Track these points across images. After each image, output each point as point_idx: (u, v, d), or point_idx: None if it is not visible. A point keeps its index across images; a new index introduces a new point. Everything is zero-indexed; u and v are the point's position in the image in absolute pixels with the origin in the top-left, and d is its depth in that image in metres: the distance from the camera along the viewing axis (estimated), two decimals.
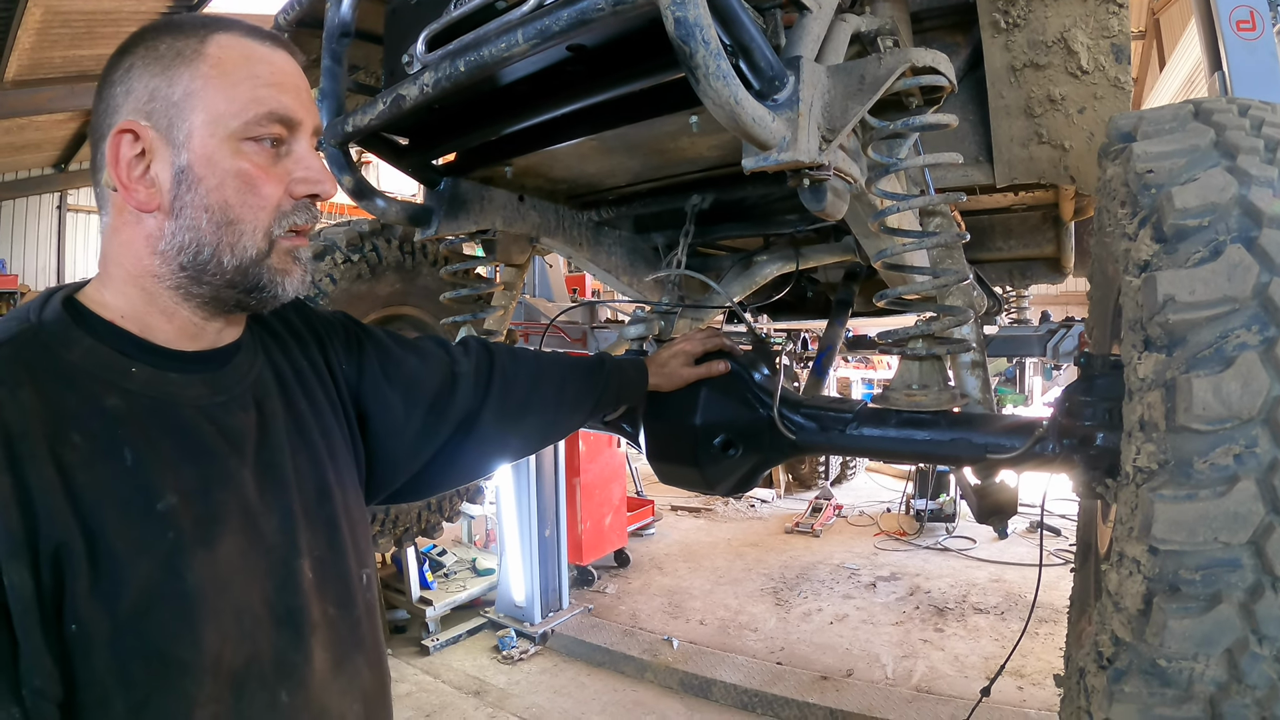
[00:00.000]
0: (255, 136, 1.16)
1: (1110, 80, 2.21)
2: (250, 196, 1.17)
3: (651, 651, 6.99)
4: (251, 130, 1.16)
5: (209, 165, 1.14)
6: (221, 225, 1.16)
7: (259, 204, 1.18)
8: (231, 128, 1.14)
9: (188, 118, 1.14)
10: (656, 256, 3.29)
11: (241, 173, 1.16)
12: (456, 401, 1.70)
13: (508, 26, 1.54)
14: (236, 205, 1.16)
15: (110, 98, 1.16)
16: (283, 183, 1.20)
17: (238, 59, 1.17)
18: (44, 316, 1.12)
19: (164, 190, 1.15)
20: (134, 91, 1.14)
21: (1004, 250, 3.71)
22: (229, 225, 1.16)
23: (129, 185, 1.14)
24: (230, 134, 1.15)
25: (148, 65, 1.15)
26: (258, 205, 1.18)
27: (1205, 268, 1.17)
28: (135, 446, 1.07)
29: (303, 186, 1.22)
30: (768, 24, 1.57)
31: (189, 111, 1.14)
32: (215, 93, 1.14)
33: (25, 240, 17.54)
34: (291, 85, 1.21)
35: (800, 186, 1.59)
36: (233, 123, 1.14)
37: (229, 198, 1.16)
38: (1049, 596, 6.96)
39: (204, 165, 1.14)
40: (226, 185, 1.15)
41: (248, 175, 1.16)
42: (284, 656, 1.18)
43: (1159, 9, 12.97)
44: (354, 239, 3.19)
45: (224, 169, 1.15)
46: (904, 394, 1.95)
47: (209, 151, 1.14)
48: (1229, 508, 1.06)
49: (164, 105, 1.14)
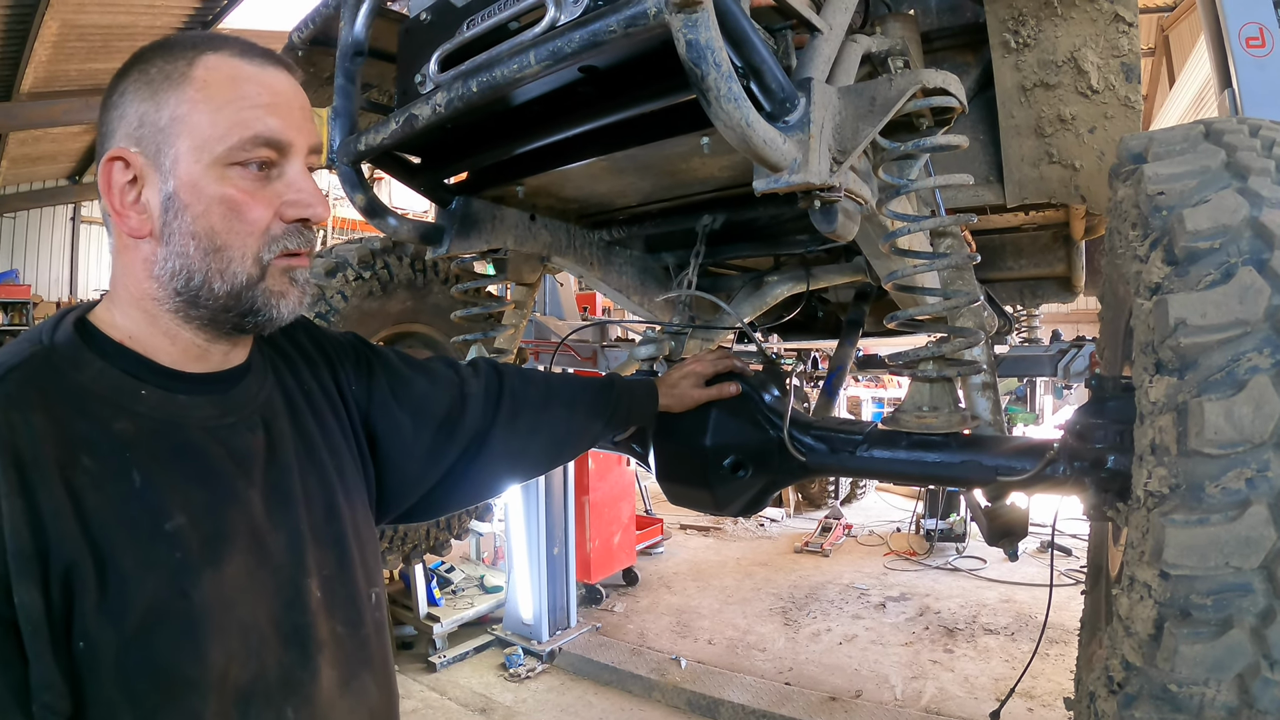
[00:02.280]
0: (241, 161, 1.15)
1: (1120, 99, 2.22)
2: (236, 223, 1.16)
3: (659, 671, 6.96)
4: (236, 155, 1.14)
5: (194, 192, 1.13)
6: (209, 252, 1.15)
7: (246, 230, 1.17)
8: (216, 153, 1.13)
9: (174, 144, 1.13)
10: (667, 276, 3.29)
11: (226, 199, 1.15)
12: (466, 422, 1.70)
13: (520, 48, 1.54)
14: (223, 232, 1.15)
15: (106, 122, 1.17)
16: (272, 206, 1.18)
17: (223, 80, 1.15)
18: (56, 339, 1.14)
19: (154, 216, 1.15)
20: (126, 117, 1.15)
21: (1015, 269, 3.70)
22: (216, 252, 1.15)
23: (121, 212, 1.15)
24: (215, 159, 1.13)
25: (138, 90, 1.15)
26: (245, 231, 1.17)
27: (1217, 290, 1.17)
28: (144, 468, 1.08)
29: (293, 210, 1.20)
30: (779, 45, 1.58)
31: (175, 137, 1.13)
32: (200, 117, 1.13)
33: (39, 251, 17.68)
34: (282, 105, 1.19)
35: (811, 208, 1.59)
36: (217, 148, 1.13)
37: (215, 224, 1.15)
38: (1060, 617, 6.90)
39: (189, 192, 1.13)
40: (212, 212, 1.14)
41: (233, 201, 1.15)
42: (290, 674, 1.18)
43: (1168, 26, 12.99)
44: (366, 256, 3.21)
45: (209, 195, 1.14)
46: (914, 416, 1.94)
47: (194, 178, 1.13)
48: (1241, 532, 1.05)
49: (152, 131, 1.14)
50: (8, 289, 16.17)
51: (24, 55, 10.63)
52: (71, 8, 9.72)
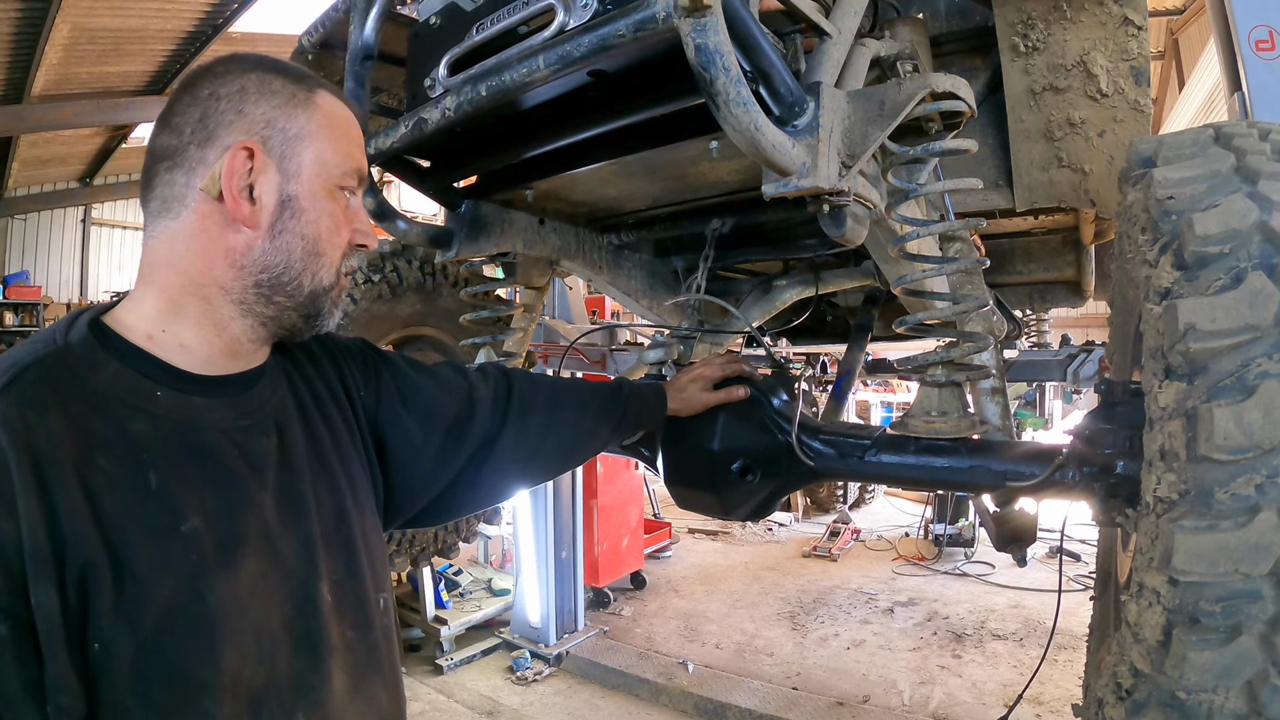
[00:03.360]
0: (344, 186, 1.32)
1: (1130, 103, 2.21)
2: (335, 235, 1.32)
3: (666, 675, 6.94)
4: (343, 181, 1.32)
5: (312, 200, 1.27)
6: (310, 254, 1.28)
7: (338, 243, 1.33)
8: (333, 175, 1.30)
9: (300, 154, 1.26)
10: (676, 280, 3.29)
11: (333, 214, 1.31)
12: (474, 427, 1.70)
13: (529, 52, 1.55)
14: (325, 240, 1.30)
15: (217, 112, 1.22)
16: (350, 229, 1.35)
17: (340, 117, 1.33)
18: (70, 339, 1.14)
19: (266, 210, 1.23)
20: (249, 115, 1.23)
21: (1024, 274, 3.70)
22: (316, 256, 1.29)
23: (237, 198, 1.20)
24: (331, 179, 1.29)
25: (265, 96, 1.25)
26: (337, 244, 1.32)
27: (1226, 295, 1.16)
28: (159, 470, 1.09)
29: (359, 237, 1.37)
30: (788, 49, 1.58)
31: (302, 149, 1.26)
32: (325, 141, 1.29)
33: (49, 253, 17.77)
34: (360, 144, 1.39)
35: (820, 212, 1.59)
36: (335, 171, 1.30)
37: (322, 232, 1.29)
38: (1068, 623, 6.89)
39: (309, 199, 1.27)
40: (322, 221, 1.29)
41: (336, 217, 1.31)
42: (302, 678, 1.19)
43: (1178, 29, 12.93)
44: (375, 260, 3.22)
45: (322, 207, 1.29)
46: (923, 421, 1.93)
47: (315, 189, 1.28)
48: (1250, 539, 1.05)
49: (280, 136, 1.25)
50: (18, 290, 16.26)
51: (35, 58, 10.67)
52: (82, 11, 9.76)
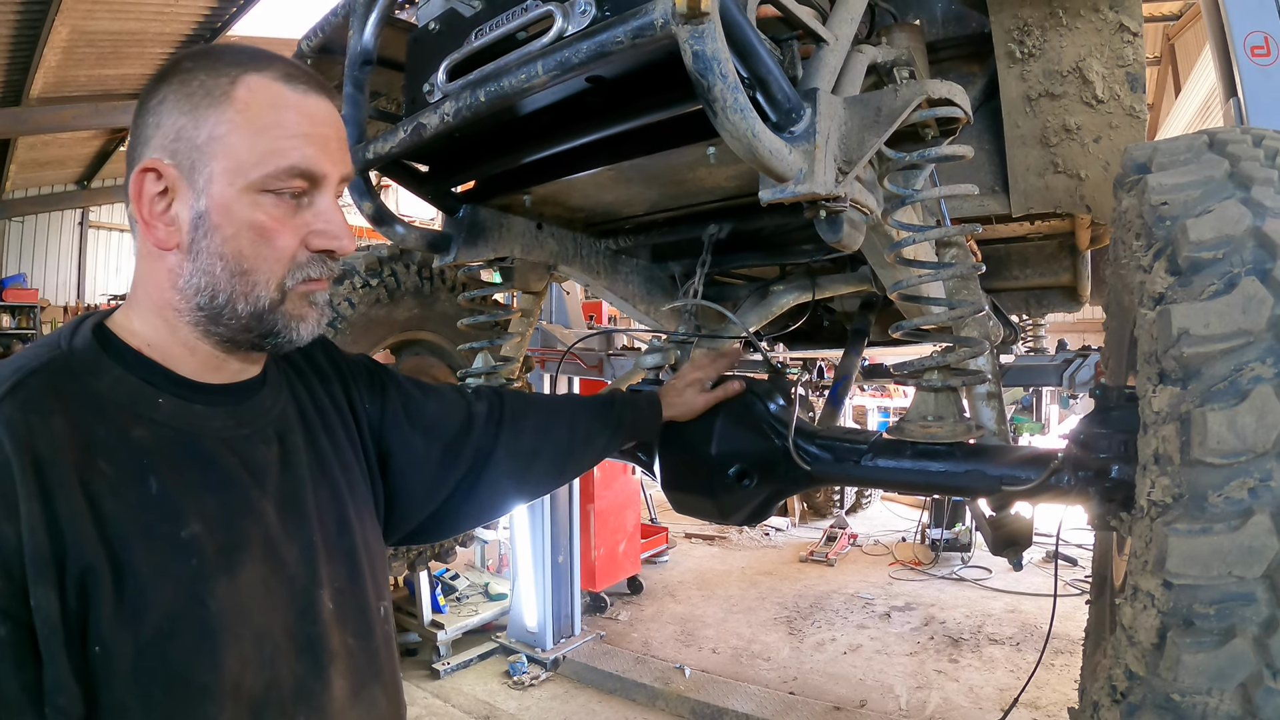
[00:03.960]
0: (274, 189, 1.15)
1: (1125, 109, 2.23)
2: (264, 249, 1.16)
3: (663, 679, 6.94)
4: (270, 183, 1.15)
5: (225, 214, 1.14)
6: (235, 274, 1.16)
7: (273, 256, 1.17)
8: (250, 178, 1.14)
9: (209, 163, 1.13)
10: (673, 285, 3.30)
11: (256, 225, 1.15)
12: (472, 442, 1.72)
13: (528, 58, 1.55)
14: (250, 256, 1.16)
15: (142, 128, 1.17)
16: (299, 235, 1.19)
17: (264, 105, 1.15)
18: (74, 344, 1.15)
19: (183, 231, 1.15)
20: (163, 126, 1.14)
21: (1020, 279, 3.71)
22: (242, 275, 1.16)
23: (150, 222, 1.16)
24: (249, 184, 1.14)
25: (178, 101, 1.14)
26: (271, 257, 1.17)
27: (1220, 300, 1.17)
28: (160, 476, 1.09)
29: (319, 240, 1.21)
30: (785, 56, 1.59)
31: (211, 157, 1.13)
32: (238, 140, 1.13)
33: (47, 255, 17.74)
34: (320, 135, 1.19)
35: (817, 217, 1.60)
36: (252, 174, 1.14)
37: (243, 248, 1.15)
38: (1065, 627, 6.89)
39: (221, 214, 1.14)
40: (241, 236, 1.15)
41: (262, 228, 1.16)
42: (303, 684, 1.19)
43: (1174, 35, 12.96)
44: (373, 264, 3.22)
45: (240, 220, 1.14)
46: (919, 425, 1.94)
47: (226, 201, 1.14)
48: (1243, 542, 1.05)
49: (188, 147, 1.14)
50: (15, 293, 16.22)
51: (34, 60, 10.66)
52: (81, 13, 9.75)
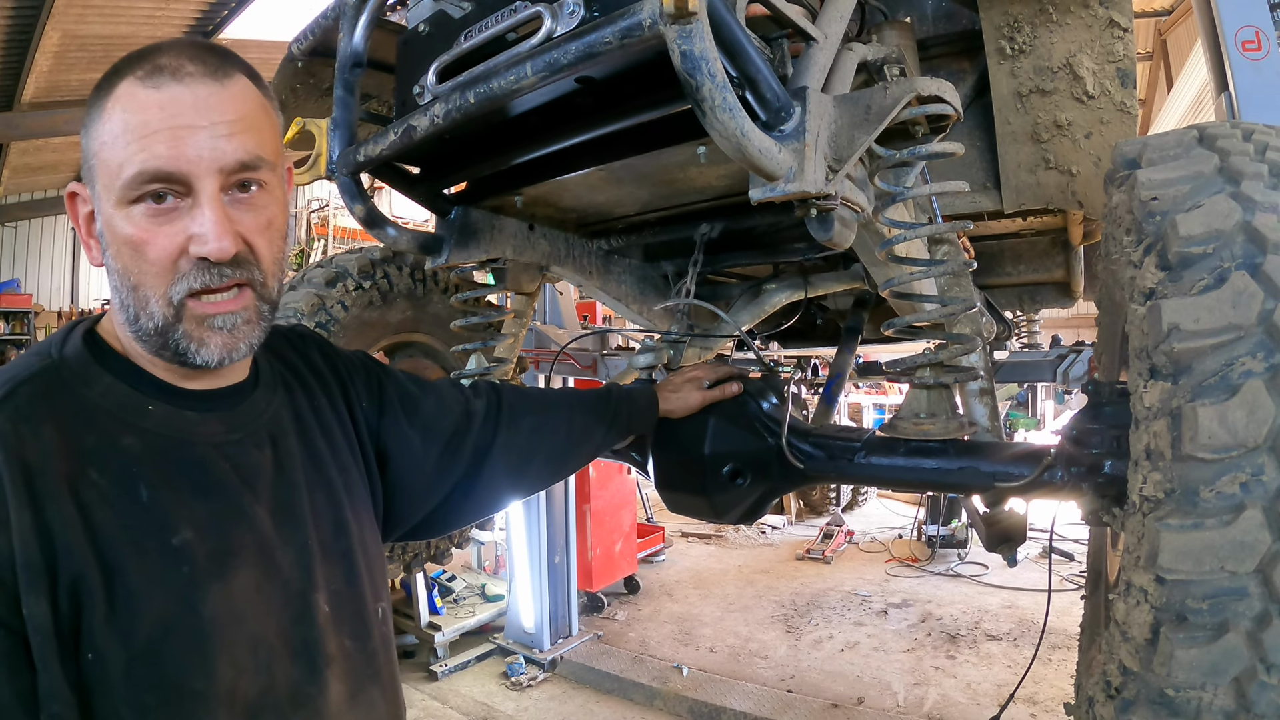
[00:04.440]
0: (137, 198, 1.09)
1: (1116, 105, 2.23)
2: (141, 262, 1.11)
3: (661, 679, 6.93)
4: (130, 193, 1.08)
5: (110, 231, 1.12)
6: (128, 289, 1.13)
7: (150, 269, 1.11)
8: (116, 192, 1.09)
9: (97, 181, 1.12)
10: (666, 284, 3.30)
11: (129, 239, 1.10)
12: (470, 439, 1.72)
13: (517, 59, 1.55)
14: (134, 271, 1.12)
15: None
16: (175, 242, 1.11)
17: (120, 113, 1.09)
18: (65, 353, 1.15)
19: (99, 249, 1.17)
20: (83, 149, 1.15)
21: (1013, 275, 3.71)
22: (133, 290, 1.13)
23: (86, 242, 1.19)
24: (118, 198, 1.09)
25: (84, 125, 1.13)
26: (150, 271, 1.11)
27: (1210, 295, 1.17)
28: (151, 484, 1.09)
29: (192, 246, 1.11)
30: (774, 54, 1.59)
31: (96, 175, 1.12)
32: (107, 154, 1.10)
33: (40, 260, 17.69)
34: (176, 130, 1.09)
35: (808, 216, 1.60)
36: (116, 186, 1.09)
37: (126, 264, 1.12)
38: (1062, 622, 6.90)
39: (108, 231, 1.12)
40: (123, 252, 1.12)
41: (134, 241, 1.10)
42: (299, 688, 1.19)
43: (1166, 30, 13.01)
44: (365, 266, 3.21)
45: (118, 235, 1.11)
46: (912, 423, 1.94)
47: (109, 217, 1.11)
48: (1235, 536, 1.06)
49: (88, 168, 1.13)
50: (9, 298, 16.18)
51: (25, 65, 10.65)
52: (73, 18, 9.74)
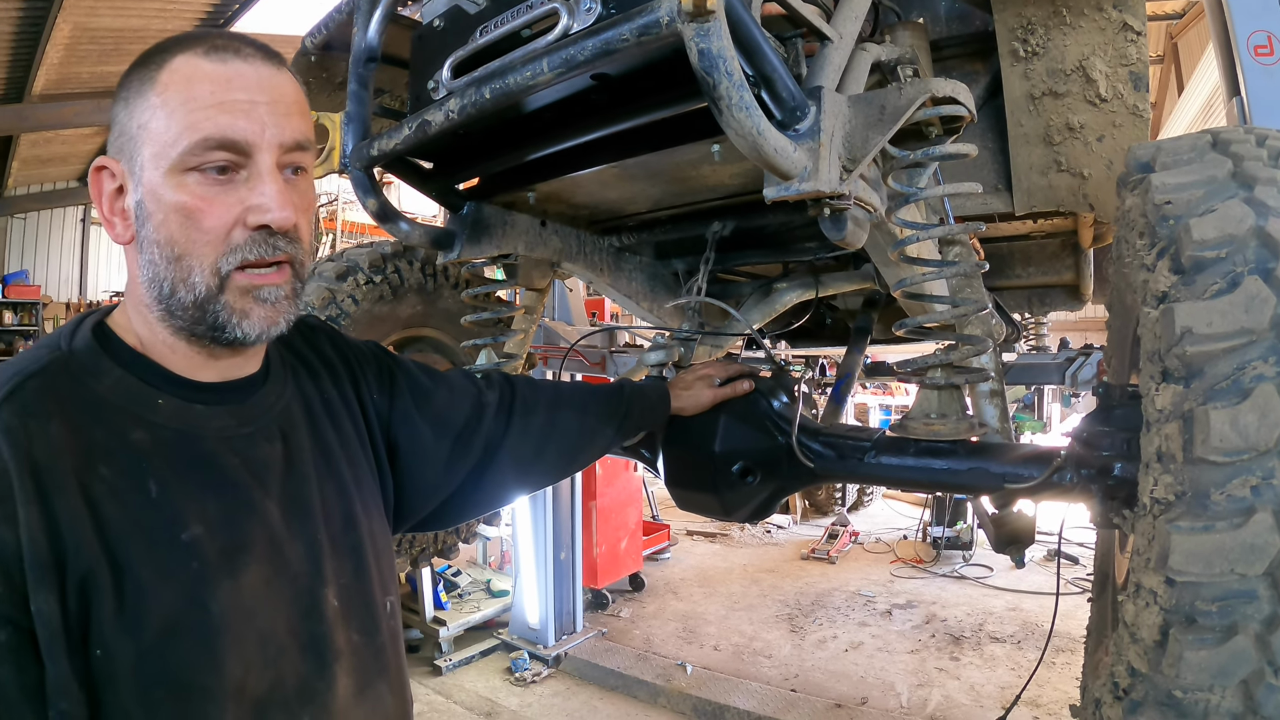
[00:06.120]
0: (196, 166, 1.11)
1: (1129, 108, 2.23)
2: (193, 231, 1.12)
3: (665, 676, 6.94)
4: (189, 160, 1.10)
5: (155, 200, 1.12)
6: (171, 260, 1.13)
7: (203, 238, 1.12)
8: (171, 159, 1.10)
9: (140, 151, 1.12)
10: (677, 282, 3.29)
11: (181, 206, 1.11)
12: (482, 432, 1.71)
13: (533, 55, 1.55)
14: (181, 240, 1.12)
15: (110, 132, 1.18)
16: (232, 212, 1.13)
17: (181, 82, 1.11)
18: (75, 345, 1.14)
19: (131, 225, 1.16)
20: (113, 124, 1.16)
21: (1023, 277, 3.71)
22: (177, 260, 1.13)
23: (109, 219, 1.18)
24: (171, 166, 1.10)
25: (126, 100, 1.15)
26: (202, 240, 1.12)
27: (1223, 299, 1.18)
28: (160, 478, 1.09)
29: (252, 216, 1.14)
30: (789, 54, 1.59)
31: (141, 145, 1.12)
32: (158, 123, 1.11)
33: (49, 252, 17.79)
34: (242, 101, 1.13)
35: (821, 215, 1.60)
36: (171, 153, 1.10)
37: (174, 233, 1.12)
38: (1067, 625, 6.89)
39: (152, 200, 1.12)
40: (170, 220, 1.12)
41: (188, 209, 1.11)
42: (307, 683, 1.19)
43: (1177, 33, 12.96)
44: (376, 261, 3.22)
45: (167, 203, 1.11)
46: (922, 423, 1.94)
47: (154, 186, 1.12)
48: (1245, 539, 1.06)
49: (126, 140, 1.14)
50: (18, 289, 16.26)
51: (36, 57, 10.70)
52: (83, 11, 9.78)
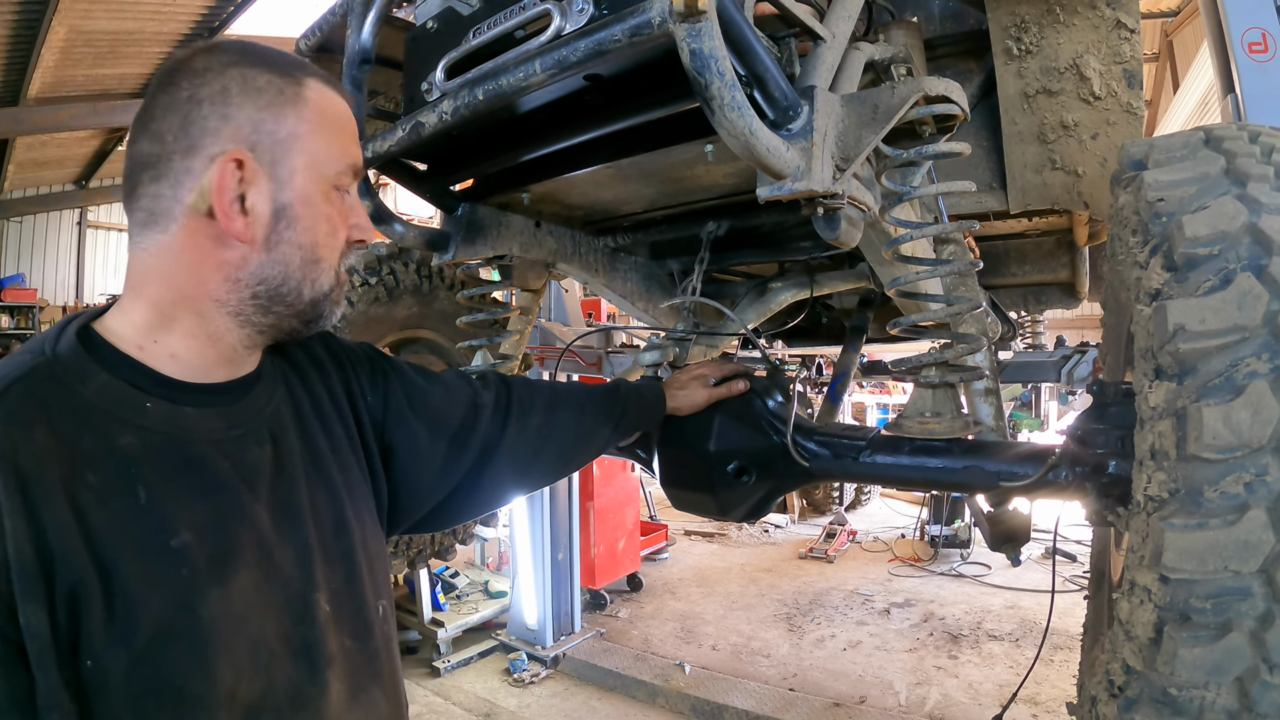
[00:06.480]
0: (339, 185, 1.27)
1: (1123, 106, 2.23)
2: (332, 239, 1.27)
3: (663, 676, 6.94)
4: (339, 180, 1.27)
5: (307, 206, 1.22)
6: (309, 262, 1.24)
7: (336, 246, 1.28)
8: (327, 175, 1.24)
9: (292, 158, 1.20)
10: (672, 282, 3.30)
11: (329, 217, 1.26)
12: (478, 434, 1.70)
13: (526, 56, 1.55)
14: (323, 245, 1.26)
15: (200, 117, 1.15)
16: (346, 227, 1.30)
17: (333, 111, 1.27)
18: (59, 350, 1.12)
19: (260, 223, 1.18)
20: (234, 119, 1.16)
21: (1018, 275, 3.71)
22: (315, 263, 1.25)
23: (229, 213, 1.16)
24: (325, 180, 1.24)
25: (249, 96, 1.17)
26: (335, 247, 1.28)
27: (1215, 296, 1.18)
28: (149, 484, 1.07)
29: (356, 233, 1.32)
30: (782, 53, 1.59)
31: (293, 152, 1.20)
32: (317, 139, 1.23)
33: (45, 255, 17.78)
34: (357, 138, 1.33)
35: (815, 215, 1.60)
36: (329, 170, 1.24)
37: (319, 239, 1.25)
38: (1065, 623, 6.89)
39: (303, 205, 1.22)
40: (319, 226, 1.24)
41: (332, 220, 1.27)
42: (299, 689, 1.18)
43: (1172, 31, 12.99)
44: (372, 262, 3.23)
45: (318, 212, 1.24)
46: (917, 421, 1.94)
47: (309, 193, 1.22)
48: (1239, 536, 1.06)
49: (269, 141, 1.18)
50: (14, 293, 16.23)
51: (31, 60, 10.67)
52: (79, 13, 9.76)
